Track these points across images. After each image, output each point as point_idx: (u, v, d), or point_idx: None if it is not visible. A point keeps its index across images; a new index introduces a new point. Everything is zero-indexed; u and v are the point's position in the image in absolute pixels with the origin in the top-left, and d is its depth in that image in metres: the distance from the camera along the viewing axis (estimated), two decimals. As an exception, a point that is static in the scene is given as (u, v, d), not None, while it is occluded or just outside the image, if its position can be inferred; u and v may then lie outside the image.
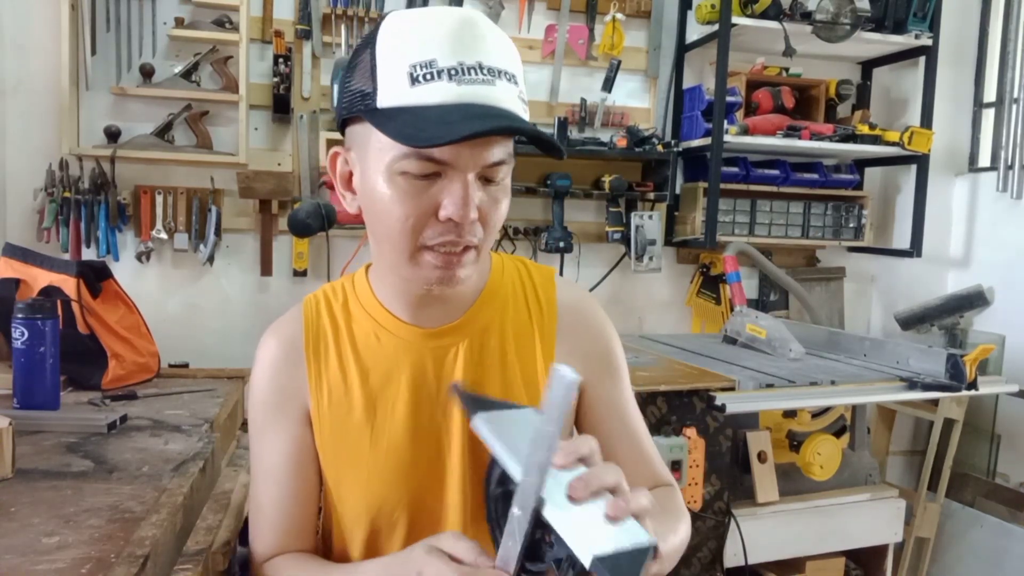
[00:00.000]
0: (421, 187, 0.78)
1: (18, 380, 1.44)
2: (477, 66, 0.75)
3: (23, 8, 2.32)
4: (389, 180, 0.78)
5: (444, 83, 0.74)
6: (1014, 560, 2.62)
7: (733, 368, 2.15)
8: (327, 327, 0.93)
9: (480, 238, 0.81)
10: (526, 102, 0.81)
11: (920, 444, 3.18)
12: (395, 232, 0.80)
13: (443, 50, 0.75)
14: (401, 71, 0.75)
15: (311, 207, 2.35)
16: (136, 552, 0.87)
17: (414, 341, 0.90)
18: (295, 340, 0.93)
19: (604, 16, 2.76)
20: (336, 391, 0.91)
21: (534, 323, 0.94)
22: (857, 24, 2.67)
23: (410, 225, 0.79)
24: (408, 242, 0.80)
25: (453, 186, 0.77)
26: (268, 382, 0.93)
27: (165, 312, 2.46)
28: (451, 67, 0.75)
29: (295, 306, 0.97)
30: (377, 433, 0.90)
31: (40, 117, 2.34)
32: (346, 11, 2.52)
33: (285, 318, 0.96)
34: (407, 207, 0.78)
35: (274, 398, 0.92)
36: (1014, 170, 2.95)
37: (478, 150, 0.77)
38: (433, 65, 0.75)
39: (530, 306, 0.95)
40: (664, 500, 0.93)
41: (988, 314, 3.03)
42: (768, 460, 2.14)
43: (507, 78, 0.78)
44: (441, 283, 0.81)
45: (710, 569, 2.05)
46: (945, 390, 2.15)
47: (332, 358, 0.92)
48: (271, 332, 0.96)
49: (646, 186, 2.77)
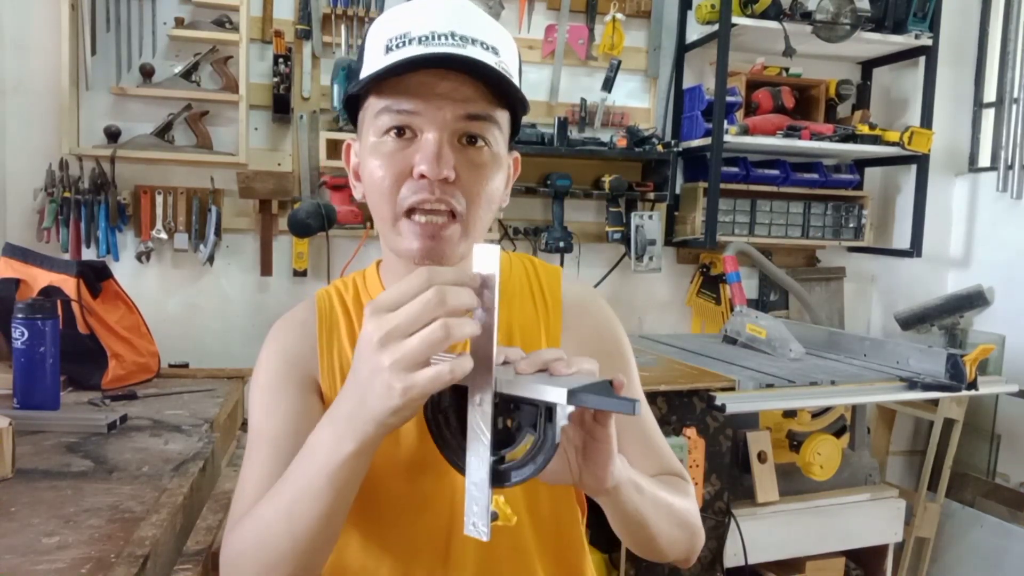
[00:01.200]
0: (399, 148, 0.80)
1: (18, 380, 1.44)
2: (449, 33, 0.78)
3: (23, 8, 2.32)
4: (374, 148, 0.81)
5: (414, 47, 0.77)
6: (1014, 560, 2.62)
7: (733, 368, 2.16)
8: (339, 316, 0.93)
9: (463, 207, 0.80)
10: (510, 73, 0.81)
11: (920, 444, 3.18)
12: (378, 198, 0.82)
13: (418, 23, 0.78)
14: (380, 45, 0.79)
15: (311, 207, 2.35)
16: (136, 552, 0.87)
17: None
18: (308, 324, 0.93)
19: (604, 16, 2.76)
20: (345, 375, 0.90)
21: (540, 319, 0.95)
22: (857, 24, 2.67)
23: (387, 186, 0.80)
24: (388, 207, 0.81)
25: (424, 142, 0.79)
26: (278, 354, 0.91)
27: (165, 312, 2.46)
28: (423, 35, 0.77)
29: (306, 299, 0.97)
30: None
31: (40, 117, 2.34)
32: (346, 11, 2.52)
33: (297, 308, 0.96)
34: (385, 169, 0.80)
35: (284, 367, 0.90)
36: (1014, 170, 2.95)
37: (444, 102, 0.78)
38: (407, 36, 0.78)
39: (536, 303, 0.96)
40: (670, 481, 0.93)
41: (988, 314, 3.03)
42: (768, 460, 2.14)
43: (483, 46, 0.79)
44: (425, 256, 0.81)
45: (710, 569, 2.05)
46: (945, 390, 2.16)
47: (345, 344, 0.91)
48: (283, 319, 0.95)
49: (646, 186, 2.77)
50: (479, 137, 0.81)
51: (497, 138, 0.83)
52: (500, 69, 0.78)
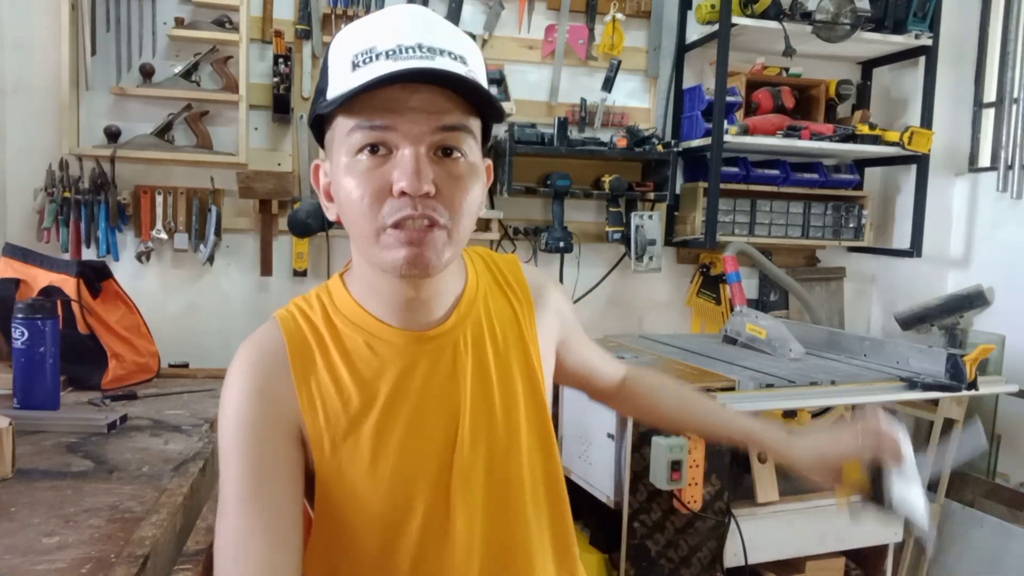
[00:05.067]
0: (374, 166, 0.78)
1: (18, 380, 1.44)
2: (416, 46, 0.77)
3: (23, 8, 2.32)
4: (348, 167, 0.80)
5: (381, 62, 0.76)
6: (1014, 560, 2.62)
7: (733, 368, 2.16)
8: (311, 341, 0.88)
9: (446, 219, 0.80)
10: (479, 81, 0.81)
11: (920, 444, 3.18)
12: (357, 216, 0.80)
13: (383, 37, 0.78)
14: (345, 63, 0.79)
15: (311, 207, 2.36)
16: (136, 552, 0.87)
17: (408, 346, 0.88)
18: (277, 357, 0.87)
19: (604, 16, 2.76)
20: (332, 405, 0.86)
21: (514, 308, 0.98)
22: (857, 24, 2.67)
23: (366, 204, 0.79)
24: (369, 223, 0.79)
25: (401, 158, 0.78)
26: (253, 395, 0.84)
27: (165, 312, 2.46)
28: (389, 49, 0.77)
29: (267, 323, 0.91)
30: (383, 441, 0.87)
31: (40, 117, 2.34)
32: (346, 11, 2.52)
33: (259, 335, 0.89)
34: (363, 188, 0.79)
35: (261, 407, 0.84)
36: (1014, 170, 2.95)
37: (418, 116, 0.77)
38: (373, 51, 0.77)
39: (507, 293, 0.99)
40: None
41: (988, 314, 3.03)
42: (768, 460, 2.14)
43: (451, 56, 0.78)
44: (411, 265, 0.79)
45: (710, 569, 2.05)
46: (945, 390, 2.16)
47: (322, 372, 0.87)
48: (248, 350, 0.88)
49: (646, 186, 2.77)
50: (455, 148, 0.80)
51: (472, 147, 0.82)
52: (471, 78, 0.78)
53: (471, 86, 0.78)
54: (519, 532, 0.93)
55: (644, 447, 1.94)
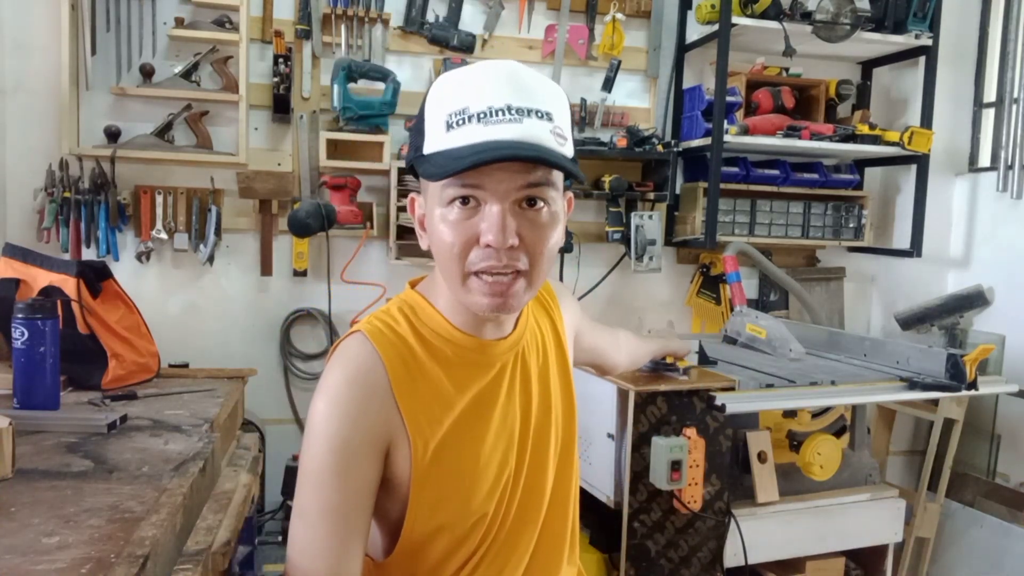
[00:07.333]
0: (465, 217, 0.87)
1: (18, 380, 1.44)
2: (505, 108, 0.84)
3: (23, 8, 2.32)
4: (442, 216, 0.88)
5: (473, 126, 0.84)
6: (1014, 560, 2.62)
7: (733, 368, 2.15)
8: (405, 353, 0.94)
9: (527, 265, 0.88)
10: (564, 135, 0.88)
11: (920, 444, 3.18)
12: (447, 259, 0.89)
13: (475, 98, 0.85)
14: (440, 121, 0.86)
15: (311, 207, 2.36)
16: (136, 552, 0.87)
17: (490, 353, 0.98)
18: (374, 371, 0.92)
19: (604, 16, 2.76)
20: (432, 413, 0.94)
21: (547, 311, 1.12)
22: (857, 24, 2.67)
23: (456, 252, 0.88)
24: (457, 268, 0.89)
25: (488, 213, 0.86)
26: (349, 424, 0.90)
27: (165, 312, 2.46)
28: (480, 111, 0.84)
29: (352, 338, 0.95)
30: (476, 444, 0.96)
31: (40, 117, 2.34)
32: (346, 11, 2.52)
33: (352, 352, 0.94)
34: (453, 236, 0.87)
35: (356, 437, 0.90)
36: (1014, 170, 2.95)
37: (504, 175, 0.85)
38: (465, 112, 0.84)
39: (541, 299, 1.13)
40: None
41: (988, 314, 3.03)
42: (768, 460, 2.14)
43: (537, 115, 0.85)
44: (493, 310, 0.89)
45: (710, 569, 2.05)
46: (945, 390, 2.15)
47: (419, 381, 0.94)
48: (344, 367, 0.93)
49: (646, 186, 2.77)
50: (538, 199, 0.88)
51: (554, 197, 0.90)
52: (555, 139, 0.85)
53: (553, 163, 0.85)
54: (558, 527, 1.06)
55: (644, 447, 1.94)
